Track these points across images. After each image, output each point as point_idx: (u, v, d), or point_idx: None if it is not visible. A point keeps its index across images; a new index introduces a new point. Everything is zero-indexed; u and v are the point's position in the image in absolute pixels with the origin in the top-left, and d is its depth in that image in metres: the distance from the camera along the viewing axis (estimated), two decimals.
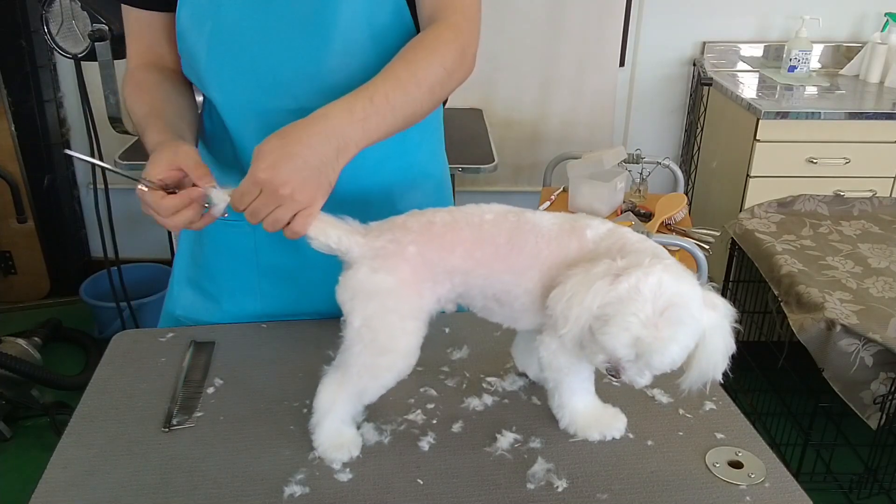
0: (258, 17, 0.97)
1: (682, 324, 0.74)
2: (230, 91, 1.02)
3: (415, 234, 0.83)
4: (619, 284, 0.74)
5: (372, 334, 0.83)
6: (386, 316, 0.83)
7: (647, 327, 0.74)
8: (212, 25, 0.98)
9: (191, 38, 1.00)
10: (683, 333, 0.75)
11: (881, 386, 1.75)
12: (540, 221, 0.85)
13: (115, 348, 1.09)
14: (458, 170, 2.34)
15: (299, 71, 0.98)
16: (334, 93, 0.85)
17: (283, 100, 1.00)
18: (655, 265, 0.75)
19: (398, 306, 0.83)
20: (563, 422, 0.91)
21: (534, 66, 2.91)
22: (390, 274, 0.82)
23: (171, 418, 0.93)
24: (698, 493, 0.82)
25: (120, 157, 2.33)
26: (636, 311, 0.74)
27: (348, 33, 0.96)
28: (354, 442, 0.87)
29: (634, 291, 0.74)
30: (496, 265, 0.84)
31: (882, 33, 2.86)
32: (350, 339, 0.83)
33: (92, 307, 2.79)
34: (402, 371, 0.86)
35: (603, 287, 0.75)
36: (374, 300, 0.82)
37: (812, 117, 2.46)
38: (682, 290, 0.75)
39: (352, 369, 0.84)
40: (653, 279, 0.74)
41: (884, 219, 2.30)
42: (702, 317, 0.76)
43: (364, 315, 0.82)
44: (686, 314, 0.74)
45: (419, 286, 0.84)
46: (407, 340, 0.84)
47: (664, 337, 0.74)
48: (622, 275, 0.75)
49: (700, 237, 2.16)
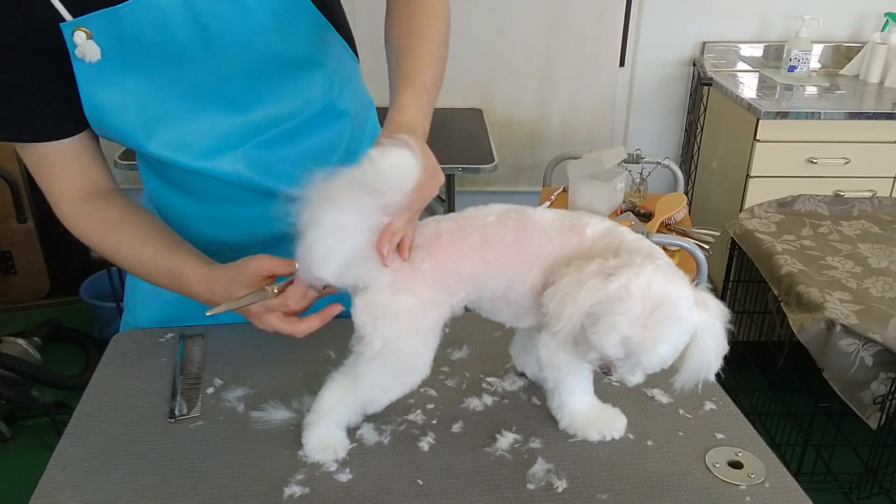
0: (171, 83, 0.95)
1: (671, 323, 0.74)
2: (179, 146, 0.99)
3: (426, 250, 0.83)
4: (610, 284, 0.75)
5: (395, 356, 0.82)
6: (409, 337, 0.82)
7: (635, 327, 0.74)
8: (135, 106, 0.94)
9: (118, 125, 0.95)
10: (673, 333, 0.75)
11: (881, 386, 1.75)
12: (542, 218, 0.85)
13: (115, 348, 1.09)
14: (458, 170, 2.34)
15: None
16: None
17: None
18: (646, 265, 0.76)
19: (420, 325, 0.83)
20: (562, 422, 0.91)
21: (534, 66, 2.91)
22: (412, 295, 0.81)
23: (174, 410, 0.94)
24: (698, 494, 0.82)
25: (119, 157, 2.33)
26: (625, 310, 0.74)
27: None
28: (342, 445, 0.87)
29: (624, 291, 0.74)
30: (506, 264, 0.84)
31: (882, 33, 2.86)
32: (369, 357, 0.82)
33: (92, 307, 2.79)
34: (415, 385, 0.86)
35: (595, 286, 0.76)
36: (397, 323, 0.81)
37: (812, 117, 2.46)
38: (672, 290, 0.75)
39: (364, 381, 0.84)
40: (643, 279, 0.74)
41: (884, 219, 2.31)
42: (693, 317, 0.76)
43: (387, 337, 0.81)
44: (675, 314, 0.75)
45: (437, 301, 0.83)
46: (427, 357, 0.84)
47: (653, 336, 0.74)
48: (613, 274, 0.75)
49: (700, 237, 2.15)
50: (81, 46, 0.87)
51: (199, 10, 0.89)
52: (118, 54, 0.90)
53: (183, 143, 0.97)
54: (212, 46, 0.92)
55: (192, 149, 0.98)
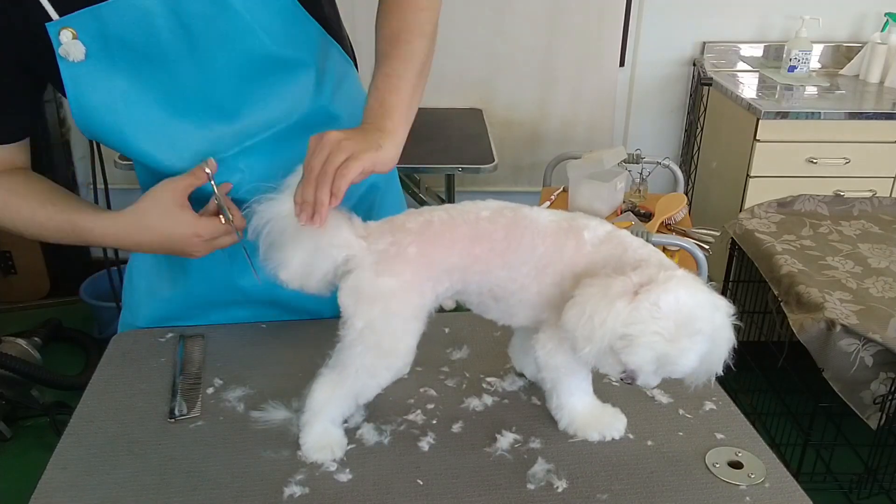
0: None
1: (700, 334, 0.76)
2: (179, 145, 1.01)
3: (415, 235, 0.83)
4: (640, 304, 0.75)
5: (375, 337, 0.83)
6: (390, 318, 0.83)
7: (669, 343, 0.75)
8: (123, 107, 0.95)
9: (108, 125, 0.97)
10: (701, 342, 0.76)
11: (881, 386, 1.75)
12: (537, 218, 0.85)
13: (115, 348, 1.09)
14: (458, 170, 2.34)
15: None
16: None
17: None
18: (671, 280, 0.76)
19: (402, 308, 0.83)
20: (562, 423, 0.91)
21: (534, 66, 2.91)
22: (394, 277, 0.82)
23: (174, 410, 0.94)
24: (698, 493, 0.82)
25: (119, 157, 2.33)
26: (659, 329, 0.75)
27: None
28: (339, 444, 0.87)
29: (655, 310, 0.75)
30: (492, 261, 0.84)
31: (882, 33, 2.86)
32: (350, 340, 0.83)
33: (92, 307, 2.79)
34: (401, 370, 0.86)
35: (623, 307, 0.76)
36: (378, 303, 0.82)
37: (812, 117, 2.46)
38: (698, 301, 0.76)
39: (349, 369, 0.84)
40: (671, 296, 0.75)
41: (884, 219, 2.30)
42: (714, 321, 0.77)
43: (368, 318, 0.82)
44: (704, 325, 0.76)
45: (420, 286, 0.84)
46: (408, 341, 0.84)
47: (684, 348, 0.75)
48: (640, 293, 0.76)
49: (700, 237, 2.15)
50: (66, 45, 0.88)
51: (183, 11, 0.89)
52: (103, 54, 0.90)
53: (170, 147, 0.98)
54: (196, 48, 0.92)
55: (180, 152, 0.98)
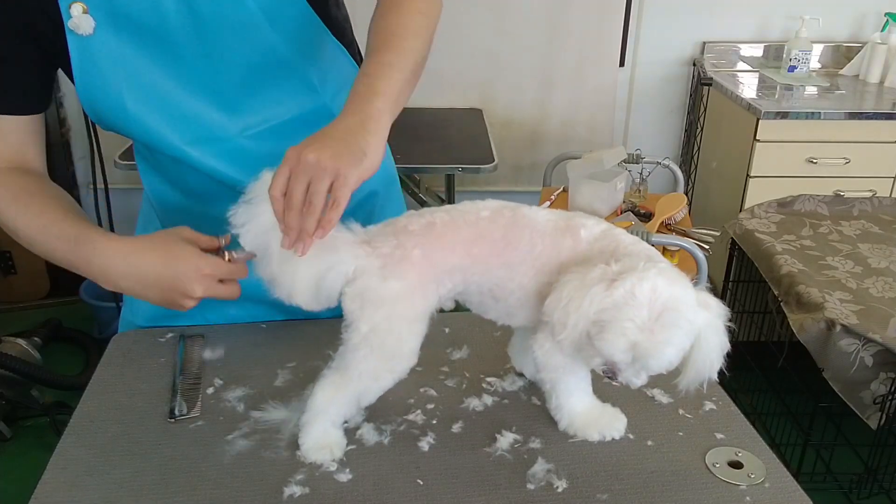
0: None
1: (677, 327, 0.75)
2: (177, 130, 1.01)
3: (418, 238, 0.83)
4: (615, 290, 0.75)
5: (380, 339, 0.82)
6: (395, 321, 0.83)
7: (642, 332, 0.74)
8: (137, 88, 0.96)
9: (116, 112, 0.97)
10: (679, 336, 0.75)
11: (881, 386, 1.75)
12: (535, 217, 0.85)
13: (115, 348, 1.09)
14: (458, 170, 2.34)
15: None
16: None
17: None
18: (650, 269, 0.76)
19: (407, 311, 0.83)
20: (561, 423, 0.91)
21: (534, 66, 2.91)
22: (400, 280, 0.82)
23: (174, 410, 0.94)
24: (698, 494, 0.82)
25: (119, 157, 2.33)
26: (632, 316, 0.74)
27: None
28: (339, 444, 0.87)
29: (630, 297, 0.74)
30: (492, 261, 0.84)
31: (882, 33, 2.86)
32: (354, 343, 0.83)
33: (92, 307, 2.79)
34: (403, 373, 0.86)
35: (599, 293, 0.76)
36: (384, 307, 0.82)
37: (812, 117, 2.46)
38: (677, 293, 0.76)
39: (352, 372, 0.84)
40: (647, 284, 0.74)
41: (884, 219, 2.30)
42: (697, 318, 0.77)
43: (373, 321, 0.82)
44: (681, 317, 0.75)
45: (425, 288, 0.84)
46: (412, 344, 0.85)
47: (660, 340, 0.74)
48: (617, 280, 0.75)
49: (700, 237, 2.15)
50: (76, 18, 0.90)
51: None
52: (112, 30, 0.92)
53: (172, 126, 0.99)
54: (203, 34, 0.94)
55: (181, 133, 0.99)
